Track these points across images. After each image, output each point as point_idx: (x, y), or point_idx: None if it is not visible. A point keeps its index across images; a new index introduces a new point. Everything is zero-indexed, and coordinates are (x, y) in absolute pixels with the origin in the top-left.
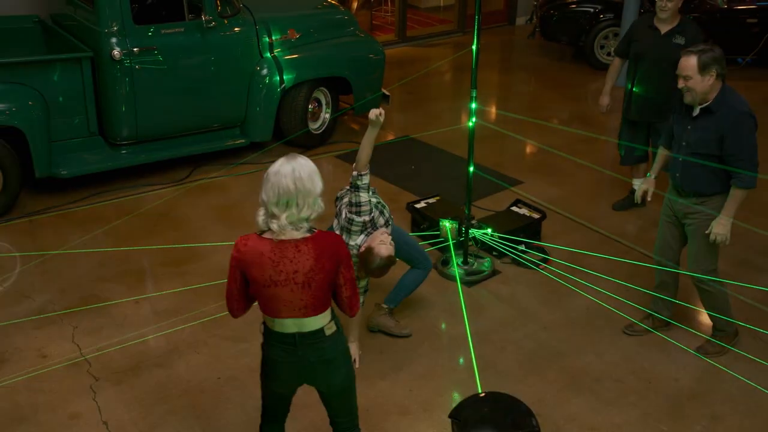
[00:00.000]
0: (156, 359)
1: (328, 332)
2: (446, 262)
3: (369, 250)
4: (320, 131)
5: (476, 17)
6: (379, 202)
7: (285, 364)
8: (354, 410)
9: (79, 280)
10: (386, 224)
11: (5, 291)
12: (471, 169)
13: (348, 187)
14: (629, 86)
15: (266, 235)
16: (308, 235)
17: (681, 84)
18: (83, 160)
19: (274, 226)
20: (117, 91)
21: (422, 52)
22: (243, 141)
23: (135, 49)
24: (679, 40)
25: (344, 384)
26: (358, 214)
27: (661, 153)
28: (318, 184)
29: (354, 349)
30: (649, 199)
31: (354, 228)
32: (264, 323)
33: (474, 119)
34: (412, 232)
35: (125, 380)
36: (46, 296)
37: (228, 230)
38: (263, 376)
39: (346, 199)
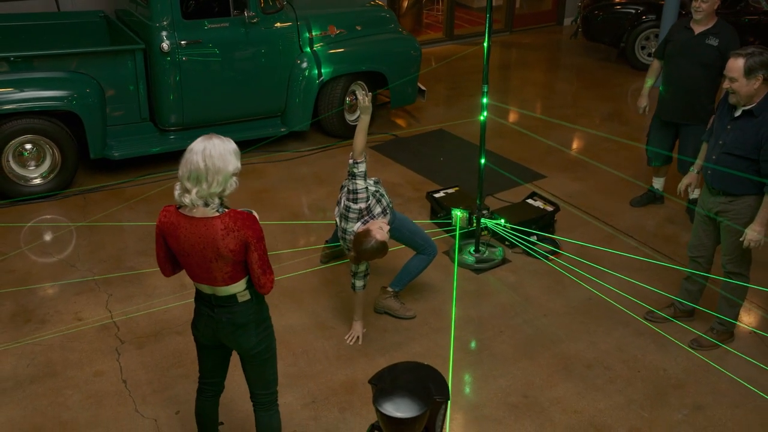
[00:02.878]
0: (177, 327)
1: (240, 299)
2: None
3: (366, 231)
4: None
5: (487, 15)
6: (377, 191)
7: (203, 317)
8: (270, 386)
9: (119, 252)
10: (383, 212)
11: (57, 261)
12: (482, 161)
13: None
14: (662, 86)
15: (183, 210)
16: (218, 213)
17: (726, 85)
18: (134, 143)
19: (186, 200)
20: (166, 81)
21: (466, 50)
22: (283, 130)
23: (183, 42)
24: (712, 41)
25: (255, 351)
26: (355, 201)
27: (705, 148)
28: (231, 163)
29: (358, 328)
30: (691, 194)
31: (351, 215)
32: None
33: (485, 113)
34: (430, 219)
35: (147, 344)
36: (89, 266)
37: (261, 212)
38: (192, 325)
39: (346, 188)
